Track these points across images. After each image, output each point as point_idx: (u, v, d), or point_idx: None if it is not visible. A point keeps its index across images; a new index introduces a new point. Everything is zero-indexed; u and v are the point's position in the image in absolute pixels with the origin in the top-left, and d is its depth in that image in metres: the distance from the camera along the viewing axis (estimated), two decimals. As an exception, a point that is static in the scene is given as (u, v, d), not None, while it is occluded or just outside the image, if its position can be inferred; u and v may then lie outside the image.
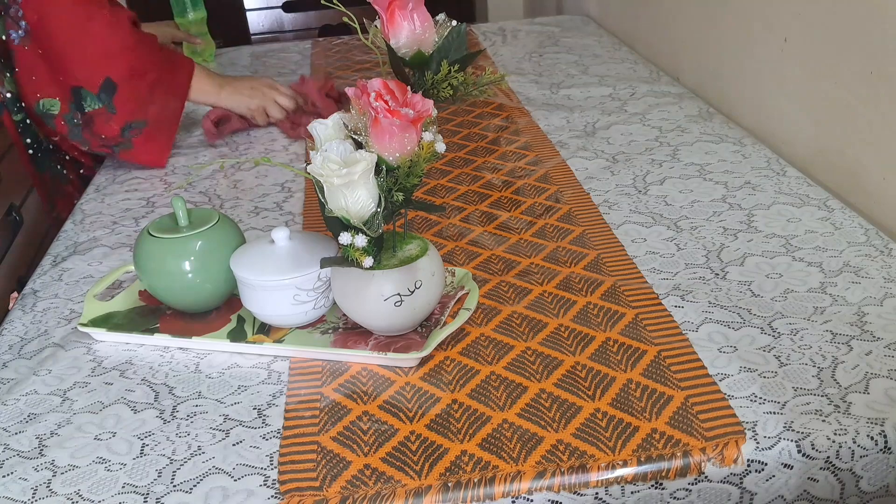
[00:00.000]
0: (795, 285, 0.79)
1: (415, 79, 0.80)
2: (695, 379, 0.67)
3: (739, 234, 0.89)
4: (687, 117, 1.23)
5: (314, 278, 0.75)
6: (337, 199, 0.66)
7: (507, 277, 0.84)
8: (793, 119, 1.12)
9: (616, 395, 0.66)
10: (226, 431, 0.66)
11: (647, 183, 1.03)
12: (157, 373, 0.74)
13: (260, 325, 0.78)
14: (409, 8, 0.77)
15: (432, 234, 0.95)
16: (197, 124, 1.37)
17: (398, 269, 0.71)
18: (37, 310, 0.87)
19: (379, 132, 0.66)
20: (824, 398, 0.64)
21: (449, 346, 0.74)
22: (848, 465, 0.60)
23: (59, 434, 0.67)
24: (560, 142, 1.18)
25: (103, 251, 0.98)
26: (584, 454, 0.60)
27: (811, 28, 1.05)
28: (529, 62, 1.59)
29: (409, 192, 0.69)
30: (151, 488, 0.61)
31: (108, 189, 1.17)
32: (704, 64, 1.38)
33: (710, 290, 0.79)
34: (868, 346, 0.69)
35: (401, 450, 0.62)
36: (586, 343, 0.73)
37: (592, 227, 0.93)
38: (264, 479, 0.61)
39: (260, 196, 1.09)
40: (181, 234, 0.78)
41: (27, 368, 0.76)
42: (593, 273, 0.84)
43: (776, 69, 1.15)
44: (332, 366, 0.73)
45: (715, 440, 0.60)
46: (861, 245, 0.85)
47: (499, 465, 0.60)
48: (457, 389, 0.68)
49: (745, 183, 1.01)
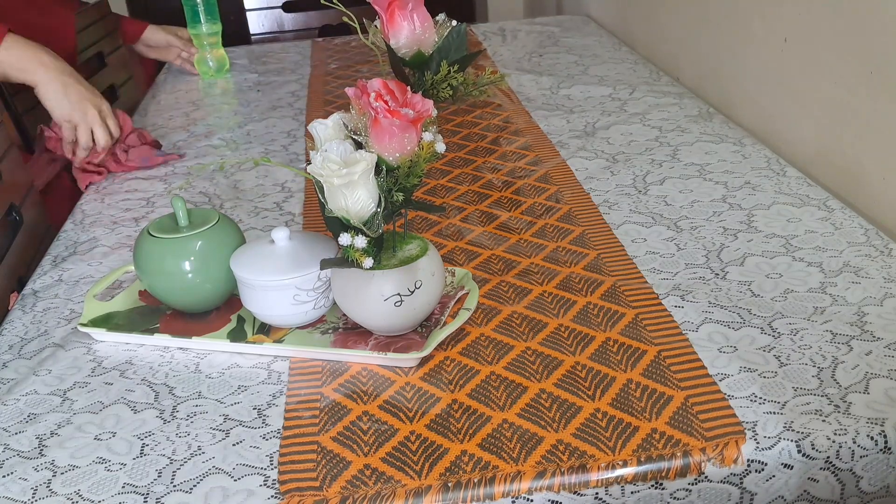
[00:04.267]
0: (795, 285, 0.79)
1: (415, 79, 0.80)
2: (695, 379, 0.67)
3: (739, 234, 0.89)
4: (687, 117, 1.23)
5: (314, 278, 0.75)
6: (337, 199, 0.67)
7: (507, 277, 0.84)
8: (793, 119, 1.12)
9: (616, 395, 0.66)
10: (226, 431, 0.66)
11: (647, 183, 1.03)
12: (157, 373, 0.74)
13: (260, 325, 0.78)
14: (409, 8, 0.77)
15: (432, 234, 0.95)
16: (197, 124, 1.37)
17: (398, 270, 0.71)
18: (37, 310, 0.87)
19: (379, 132, 0.66)
20: (824, 398, 0.64)
21: (449, 346, 0.74)
22: (848, 466, 0.60)
23: (59, 434, 0.67)
24: (560, 142, 1.18)
25: (103, 251, 0.98)
26: (584, 454, 0.60)
27: (811, 28, 1.05)
28: (529, 62, 1.59)
29: (409, 192, 0.69)
30: (151, 488, 0.61)
31: (108, 189, 1.17)
32: (704, 64, 1.38)
33: (710, 290, 0.79)
34: (868, 346, 0.69)
35: (401, 450, 0.62)
36: (586, 343, 0.73)
37: (592, 227, 0.93)
38: (264, 479, 0.61)
39: (260, 196, 1.09)
40: (181, 234, 0.78)
41: (27, 368, 0.76)
42: (593, 273, 0.84)
43: (776, 69, 1.15)
44: (332, 366, 0.73)
45: (715, 440, 0.60)
46: (861, 245, 0.85)
47: (499, 465, 0.60)
48: (457, 389, 0.68)
49: (745, 183, 1.01)
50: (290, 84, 1.59)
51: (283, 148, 1.27)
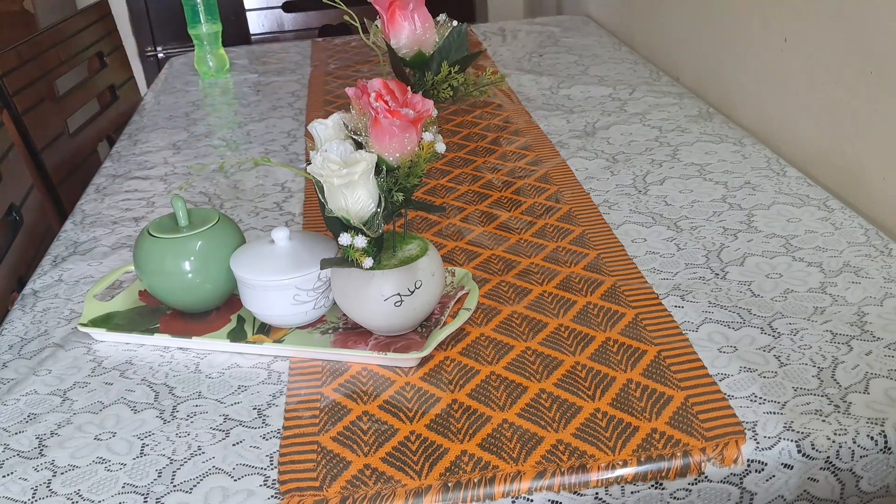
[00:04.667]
0: (795, 285, 0.79)
1: (415, 79, 0.80)
2: (695, 379, 0.67)
3: (739, 234, 0.89)
4: (687, 117, 1.23)
5: (314, 278, 0.75)
6: (337, 199, 0.67)
7: (507, 277, 0.84)
8: (793, 119, 1.12)
9: (616, 395, 0.66)
10: (226, 431, 0.66)
11: (647, 183, 1.03)
12: (157, 373, 0.74)
13: (260, 325, 0.79)
14: (410, 8, 0.77)
15: (432, 234, 0.95)
16: (197, 124, 1.37)
17: (398, 270, 0.71)
18: (37, 310, 0.87)
19: (379, 132, 0.66)
20: (824, 398, 0.64)
21: (449, 346, 0.74)
22: (848, 466, 0.60)
23: (59, 434, 0.67)
24: (560, 142, 1.18)
25: (103, 251, 0.98)
26: (584, 454, 0.60)
27: (811, 28, 1.05)
28: (529, 62, 1.59)
29: (409, 192, 0.69)
30: (151, 488, 0.61)
31: (108, 189, 1.17)
32: (704, 64, 1.38)
33: (710, 290, 0.79)
34: (868, 346, 0.69)
35: (401, 450, 0.62)
36: (586, 343, 0.73)
37: (592, 227, 0.93)
38: (264, 479, 0.61)
39: (260, 196, 1.09)
40: (181, 234, 0.78)
41: (27, 368, 0.76)
42: (593, 273, 0.84)
43: (776, 69, 1.15)
44: (332, 366, 0.73)
45: (715, 440, 0.60)
46: (861, 245, 0.85)
47: (499, 465, 0.60)
48: (457, 389, 0.68)
49: (745, 183, 1.01)
50: (290, 84, 1.60)
51: (283, 148, 1.27)
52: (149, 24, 2.37)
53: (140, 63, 2.40)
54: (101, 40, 1.70)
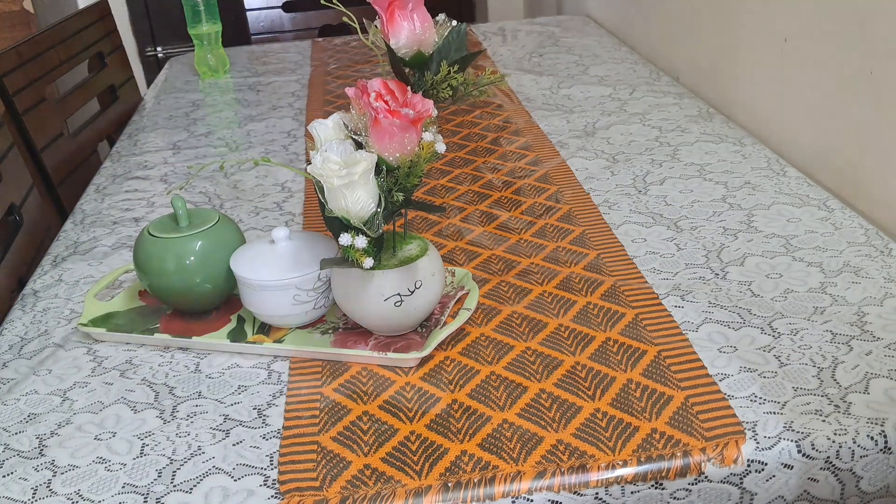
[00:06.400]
0: (795, 285, 0.79)
1: (415, 79, 0.80)
2: (695, 379, 0.67)
3: (739, 234, 0.89)
4: (687, 117, 1.23)
5: (314, 278, 0.75)
6: (337, 199, 0.66)
7: (507, 277, 0.84)
8: (793, 119, 1.12)
9: (616, 395, 0.66)
10: (226, 431, 0.66)
11: (647, 183, 1.03)
12: (158, 373, 0.74)
13: (260, 325, 0.78)
14: (409, 8, 0.77)
15: (432, 234, 0.95)
16: (197, 124, 1.37)
17: (398, 270, 0.71)
18: (37, 310, 0.87)
19: (379, 132, 0.66)
20: (824, 398, 0.64)
21: (449, 346, 0.74)
22: (848, 466, 0.60)
23: (59, 434, 0.67)
24: (560, 142, 1.18)
25: (103, 251, 0.98)
26: (584, 454, 0.60)
27: (811, 28, 1.05)
28: (529, 62, 1.59)
29: (410, 192, 0.69)
30: (151, 488, 0.61)
31: (108, 189, 1.17)
32: (704, 64, 1.38)
33: (710, 290, 0.79)
34: (868, 346, 0.69)
35: (401, 450, 0.62)
36: (586, 343, 0.73)
37: (592, 227, 0.93)
38: (264, 479, 0.61)
39: (260, 196, 1.09)
40: (181, 234, 0.78)
41: (27, 368, 0.76)
42: (593, 273, 0.84)
43: (776, 69, 1.15)
44: (332, 366, 0.73)
45: (715, 440, 0.60)
46: (861, 245, 0.85)
47: (499, 465, 0.60)
48: (457, 389, 0.68)
49: (744, 183, 1.01)
50: (290, 84, 1.60)
51: (283, 148, 1.27)
52: (149, 24, 2.37)
53: (140, 63, 2.40)
54: (101, 40, 1.70)
